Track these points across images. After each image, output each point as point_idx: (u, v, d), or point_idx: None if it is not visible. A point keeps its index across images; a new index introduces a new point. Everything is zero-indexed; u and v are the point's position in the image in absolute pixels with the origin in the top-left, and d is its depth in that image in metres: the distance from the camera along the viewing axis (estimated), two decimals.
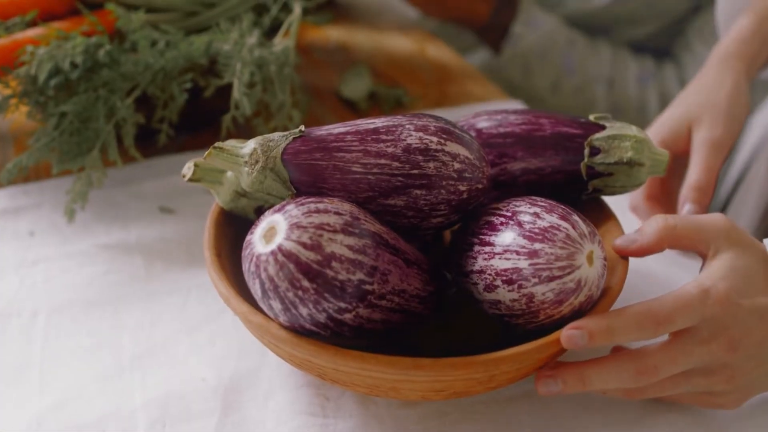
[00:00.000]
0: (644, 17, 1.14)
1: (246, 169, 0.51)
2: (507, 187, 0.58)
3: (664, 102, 1.09)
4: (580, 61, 1.11)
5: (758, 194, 0.86)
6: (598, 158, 0.56)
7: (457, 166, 0.51)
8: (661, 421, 0.54)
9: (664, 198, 0.72)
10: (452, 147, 0.51)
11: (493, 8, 1.11)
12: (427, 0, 1.09)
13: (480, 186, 0.52)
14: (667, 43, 1.17)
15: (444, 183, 0.50)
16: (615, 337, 0.47)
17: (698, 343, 0.49)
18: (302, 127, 0.52)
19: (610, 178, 0.57)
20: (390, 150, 0.50)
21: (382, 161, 0.50)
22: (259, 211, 0.57)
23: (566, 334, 0.47)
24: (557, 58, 1.10)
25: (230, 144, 0.52)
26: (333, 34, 1.09)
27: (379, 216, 0.51)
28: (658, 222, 0.52)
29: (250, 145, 0.52)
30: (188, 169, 0.55)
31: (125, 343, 0.59)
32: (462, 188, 0.51)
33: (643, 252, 0.53)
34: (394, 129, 0.51)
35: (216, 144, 0.52)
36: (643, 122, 1.10)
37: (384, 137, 0.51)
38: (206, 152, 0.52)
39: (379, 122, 0.52)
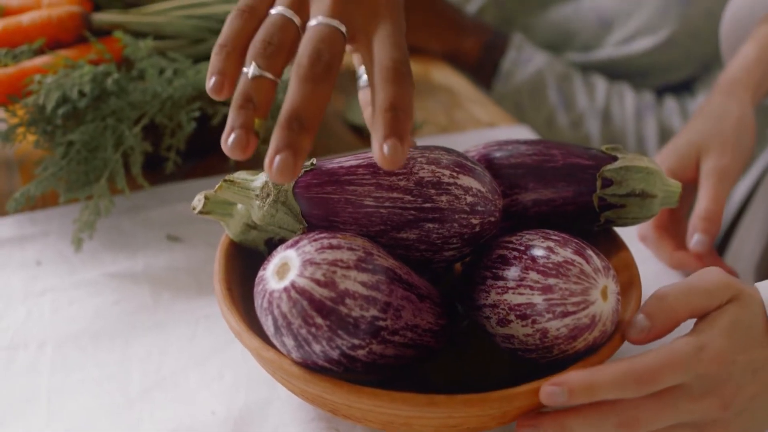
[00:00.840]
0: (682, 64, 1.13)
1: (257, 202, 0.51)
2: (518, 219, 0.57)
3: (663, 135, 1.09)
4: (572, 96, 1.11)
5: (762, 223, 0.86)
6: (610, 190, 0.56)
7: (469, 199, 0.51)
8: None
9: (673, 226, 0.71)
10: (465, 180, 0.51)
11: (483, 46, 1.12)
12: (414, 38, 1.10)
13: (492, 219, 0.52)
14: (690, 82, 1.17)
15: (456, 216, 0.50)
16: (596, 395, 0.46)
17: (688, 400, 0.48)
18: (314, 160, 0.52)
19: (622, 210, 0.56)
20: (402, 183, 0.50)
21: (395, 195, 0.50)
22: (270, 243, 0.56)
23: (545, 390, 0.46)
24: (548, 95, 1.11)
25: (241, 177, 0.52)
26: None
27: (391, 249, 0.51)
28: (668, 303, 0.50)
29: (261, 178, 0.51)
30: (198, 201, 0.55)
31: (134, 375, 0.59)
32: (474, 221, 0.51)
33: (659, 338, 0.50)
34: (406, 162, 0.51)
35: (227, 177, 0.52)
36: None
37: (396, 170, 0.50)
38: (217, 185, 0.52)
39: None
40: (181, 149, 0.74)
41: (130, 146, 0.69)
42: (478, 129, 0.92)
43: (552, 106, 1.11)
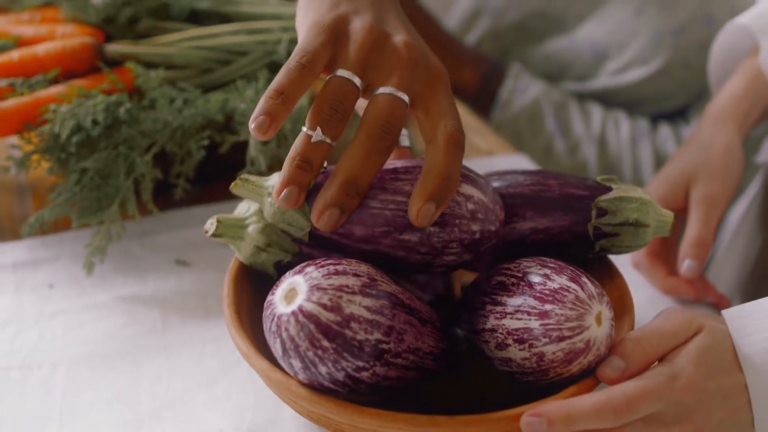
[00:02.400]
0: (675, 93, 1.16)
1: (269, 199, 0.54)
2: (516, 246, 0.60)
3: (659, 161, 1.11)
4: (568, 124, 1.13)
5: (745, 246, 0.88)
6: (605, 219, 0.58)
7: (470, 206, 0.53)
8: None
9: (665, 253, 0.74)
10: (466, 189, 0.53)
11: (482, 77, 1.14)
12: None
13: (492, 228, 0.54)
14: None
15: (457, 222, 0.53)
16: (574, 425, 0.48)
17: (661, 427, 0.50)
18: (325, 163, 0.54)
19: (616, 239, 0.59)
20: (407, 188, 0.52)
21: (399, 198, 0.52)
22: (279, 266, 0.58)
23: (525, 420, 0.48)
24: (546, 123, 1.13)
25: (255, 177, 0.55)
26: None
27: (394, 251, 0.53)
28: (641, 345, 0.51)
29: (274, 178, 0.54)
30: (211, 225, 0.57)
31: (144, 395, 0.61)
32: (474, 228, 0.53)
33: (631, 377, 0.51)
34: (412, 169, 0.53)
35: (242, 175, 0.54)
36: (638, 181, 1.12)
37: (402, 176, 0.53)
38: (233, 183, 0.54)
39: (398, 163, 0.54)
40: (190, 176, 0.76)
41: (141, 173, 0.72)
42: (478, 157, 0.94)
43: (550, 133, 1.13)
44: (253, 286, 0.59)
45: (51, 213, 0.70)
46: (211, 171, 0.81)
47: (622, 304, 0.58)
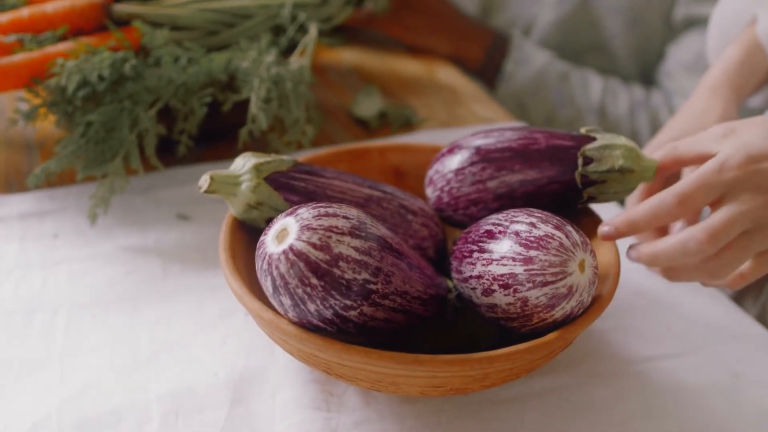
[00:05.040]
0: (615, 29, 1.19)
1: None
2: (506, 199, 0.61)
3: (654, 127, 1.14)
4: (571, 94, 1.15)
5: None
6: (591, 167, 0.60)
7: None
8: (648, 426, 0.57)
9: None
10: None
11: (487, 49, 1.16)
12: (420, 40, 1.15)
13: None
14: (652, 73, 1.22)
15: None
16: (637, 228, 0.57)
17: (738, 206, 0.55)
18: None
19: (603, 186, 0.60)
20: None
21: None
22: (270, 222, 0.60)
23: (601, 229, 0.59)
24: (549, 94, 1.15)
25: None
26: (346, 56, 1.13)
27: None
28: (664, 150, 0.61)
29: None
30: (204, 181, 0.59)
31: (143, 339, 0.63)
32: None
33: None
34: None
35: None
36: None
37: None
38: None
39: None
40: (193, 134, 0.78)
41: (145, 128, 0.73)
42: (478, 124, 0.95)
43: (552, 103, 1.15)
44: (249, 234, 0.61)
45: (57, 165, 0.72)
46: (214, 130, 0.83)
47: (608, 258, 0.59)
